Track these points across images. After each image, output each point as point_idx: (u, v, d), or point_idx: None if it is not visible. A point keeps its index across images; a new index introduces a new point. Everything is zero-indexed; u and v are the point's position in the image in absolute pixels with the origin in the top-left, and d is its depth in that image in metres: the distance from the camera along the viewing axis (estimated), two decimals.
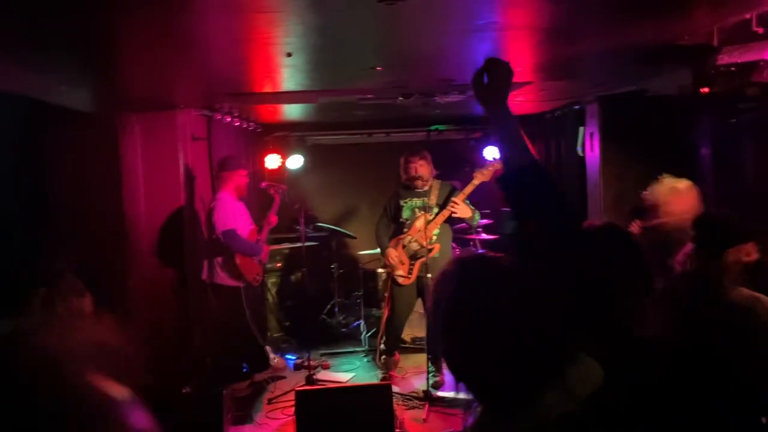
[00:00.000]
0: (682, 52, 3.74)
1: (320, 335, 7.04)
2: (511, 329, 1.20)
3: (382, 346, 5.78)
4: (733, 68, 3.29)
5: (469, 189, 5.21)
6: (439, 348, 1.31)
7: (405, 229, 5.42)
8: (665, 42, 3.67)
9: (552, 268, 1.50)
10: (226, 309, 5.35)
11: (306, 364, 5.65)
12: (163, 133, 5.39)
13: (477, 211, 5.36)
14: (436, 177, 5.51)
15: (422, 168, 5.37)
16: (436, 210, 5.33)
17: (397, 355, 5.75)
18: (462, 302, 1.25)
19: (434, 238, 5.30)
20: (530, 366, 1.20)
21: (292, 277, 7.34)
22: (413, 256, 5.32)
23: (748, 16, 3.21)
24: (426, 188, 5.41)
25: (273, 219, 5.59)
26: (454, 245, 5.84)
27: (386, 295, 5.77)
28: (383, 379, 5.46)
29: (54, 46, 3.22)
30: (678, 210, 2.90)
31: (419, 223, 5.28)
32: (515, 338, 1.20)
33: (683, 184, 3.01)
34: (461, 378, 1.27)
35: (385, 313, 5.66)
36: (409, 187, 5.45)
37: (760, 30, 3.18)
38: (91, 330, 1.23)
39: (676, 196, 2.96)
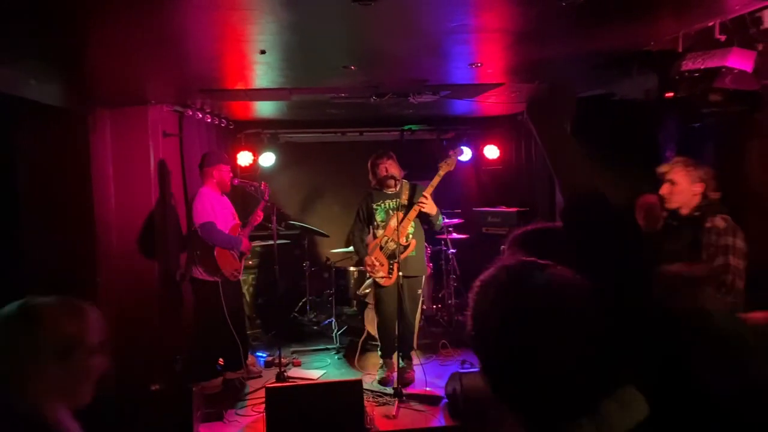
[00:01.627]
0: (648, 58, 3.84)
1: (291, 333, 7.05)
2: (565, 344, 1.10)
3: (379, 351, 5.78)
4: (696, 74, 3.38)
5: (435, 181, 5.25)
6: (483, 360, 1.19)
7: (381, 230, 5.45)
8: (632, 47, 3.78)
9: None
10: (203, 304, 5.31)
11: (277, 361, 5.65)
12: (134, 128, 5.36)
13: (440, 214, 5.42)
14: (403, 177, 5.55)
15: (392, 167, 5.40)
16: (407, 208, 5.37)
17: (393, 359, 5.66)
18: (515, 312, 1.13)
19: (410, 235, 5.36)
20: (576, 386, 1.10)
21: (264, 275, 7.33)
22: (392, 256, 5.36)
23: (711, 23, 3.32)
24: (397, 189, 5.45)
25: (259, 215, 5.59)
26: (426, 244, 5.89)
27: (372, 302, 5.84)
28: (381, 381, 5.46)
29: (21, 37, 3.19)
30: None
31: (393, 222, 5.32)
32: (568, 355, 1.10)
33: None
34: (499, 391, 1.17)
35: (375, 319, 5.67)
36: (380, 190, 5.47)
37: (723, 38, 3.29)
38: None
39: None
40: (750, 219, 3.41)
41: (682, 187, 3.44)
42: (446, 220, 5.88)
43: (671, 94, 3.58)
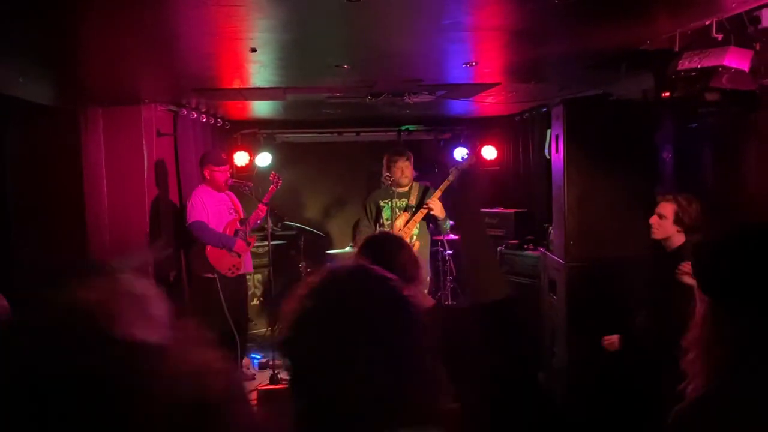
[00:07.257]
0: (644, 57, 3.79)
1: None
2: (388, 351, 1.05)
3: None
4: (693, 73, 3.34)
5: (444, 185, 5.24)
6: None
7: (387, 229, 5.40)
8: (629, 46, 3.73)
9: None
10: (200, 302, 5.31)
11: (271, 363, 5.60)
12: (127, 128, 5.32)
13: (448, 218, 5.37)
14: (414, 179, 5.50)
15: (407, 169, 5.37)
16: (414, 210, 5.34)
17: None
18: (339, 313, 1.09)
19: (414, 237, 5.30)
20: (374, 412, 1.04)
21: (259, 276, 7.29)
22: None
23: (707, 22, 3.26)
24: (406, 189, 5.40)
25: (261, 209, 5.54)
26: None
27: None
28: None
29: (8, 33, 3.14)
30: None
31: (399, 222, 5.29)
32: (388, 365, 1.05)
33: None
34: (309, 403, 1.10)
35: None
36: (390, 187, 5.39)
37: (719, 36, 3.24)
38: None
39: None
40: (748, 221, 3.36)
41: None
42: None
43: (668, 94, 3.53)
